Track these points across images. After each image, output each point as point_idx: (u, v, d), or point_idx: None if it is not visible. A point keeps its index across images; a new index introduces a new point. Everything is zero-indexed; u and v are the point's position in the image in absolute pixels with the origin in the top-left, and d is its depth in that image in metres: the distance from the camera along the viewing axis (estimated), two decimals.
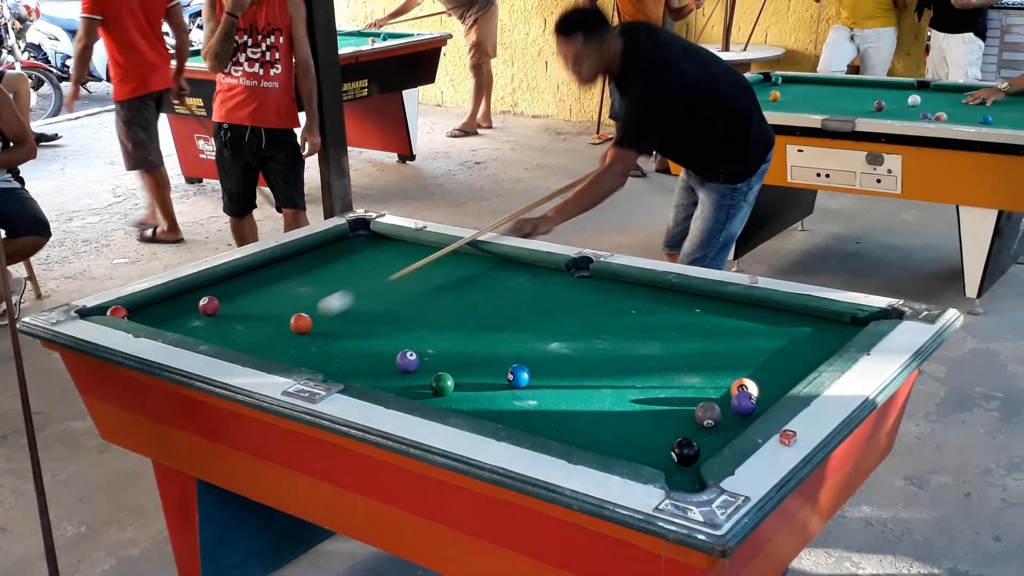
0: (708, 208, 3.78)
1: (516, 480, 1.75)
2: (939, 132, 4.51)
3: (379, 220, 3.37)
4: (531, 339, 2.49)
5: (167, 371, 2.27)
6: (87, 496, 3.45)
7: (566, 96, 9.42)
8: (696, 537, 1.57)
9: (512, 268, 3.01)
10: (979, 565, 2.96)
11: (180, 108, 6.41)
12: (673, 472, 1.80)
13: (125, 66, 5.77)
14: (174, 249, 6.06)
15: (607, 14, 7.39)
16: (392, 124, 7.85)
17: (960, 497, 3.30)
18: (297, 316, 2.58)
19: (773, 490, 1.69)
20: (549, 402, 2.15)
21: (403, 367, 2.30)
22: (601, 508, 1.66)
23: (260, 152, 4.66)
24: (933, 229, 5.88)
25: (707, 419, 2.00)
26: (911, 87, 5.51)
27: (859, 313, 2.48)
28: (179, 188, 7.38)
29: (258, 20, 4.53)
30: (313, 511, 2.35)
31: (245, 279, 2.99)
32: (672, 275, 2.82)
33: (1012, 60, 7.13)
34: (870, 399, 2.02)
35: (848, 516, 3.19)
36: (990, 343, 4.42)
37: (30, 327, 2.58)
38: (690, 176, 3.95)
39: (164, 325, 2.58)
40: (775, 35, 8.27)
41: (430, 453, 1.86)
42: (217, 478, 2.53)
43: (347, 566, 3.02)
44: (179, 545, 2.79)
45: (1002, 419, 3.79)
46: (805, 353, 2.33)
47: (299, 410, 2.05)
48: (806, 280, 3.10)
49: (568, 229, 3.46)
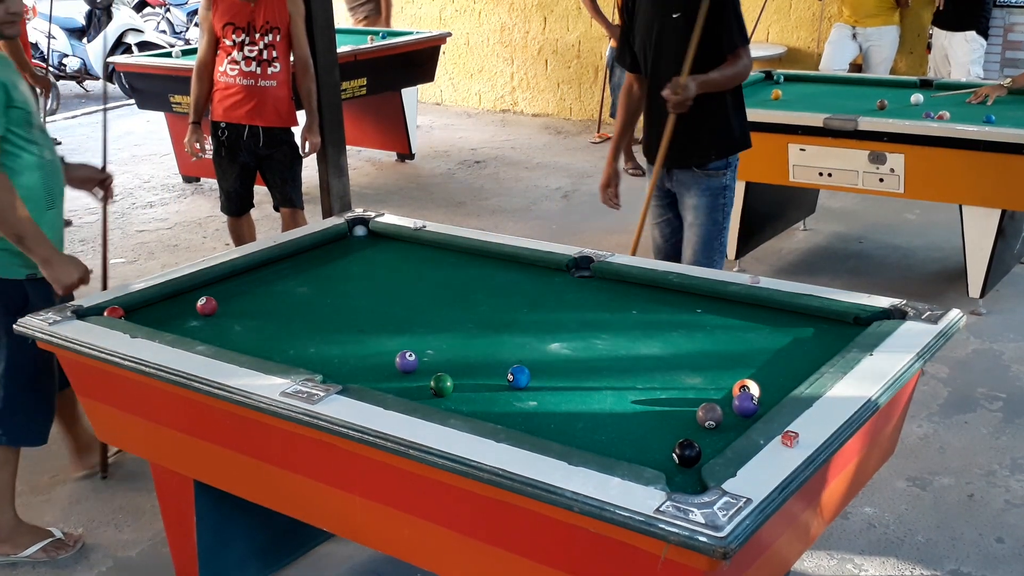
0: (703, 214, 3.64)
1: (516, 482, 1.74)
2: (942, 131, 4.49)
3: (378, 220, 3.36)
4: (531, 339, 2.48)
5: (164, 372, 2.26)
6: (84, 497, 3.44)
7: (566, 95, 9.41)
8: (697, 539, 1.56)
9: (512, 268, 2.99)
10: (982, 567, 2.95)
11: (179, 108, 6.40)
12: (674, 473, 1.78)
13: None
14: (171, 249, 6.04)
15: (607, 14, 7.41)
16: (391, 123, 7.84)
17: (963, 498, 3.29)
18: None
19: (775, 492, 1.68)
20: (549, 403, 2.14)
21: (402, 368, 2.28)
22: (601, 510, 1.64)
23: (258, 151, 4.65)
24: (936, 229, 5.87)
25: (709, 420, 1.99)
26: (913, 86, 5.49)
27: (862, 313, 2.47)
28: (177, 187, 7.38)
29: (256, 18, 4.52)
30: (311, 512, 2.34)
31: (243, 279, 2.97)
32: (673, 275, 2.81)
33: (1015, 59, 7.11)
34: (873, 400, 2.00)
35: (850, 517, 3.17)
36: (993, 343, 4.40)
37: (27, 327, 2.56)
38: (670, 178, 3.71)
39: (161, 325, 2.57)
40: (777, 33, 8.26)
41: (429, 454, 1.84)
42: (215, 479, 2.52)
43: (345, 568, 3.01)
44: (177, 546, 2.78)
45: (1005, 420, 3.77)
46: (807, 353, 2.32)
47: (297, 411, 2.03)
48: (808, 280, 3.09)
49: (568, 229, 3.44)
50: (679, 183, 3.70)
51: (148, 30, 11.10)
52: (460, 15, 9.78)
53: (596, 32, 8.71)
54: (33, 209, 2.85)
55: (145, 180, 7.50)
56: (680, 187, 3.70)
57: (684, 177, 3.66)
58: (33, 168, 2.87)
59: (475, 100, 9.98)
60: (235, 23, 4.53)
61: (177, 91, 6.46)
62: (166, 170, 7.78)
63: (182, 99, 6.41)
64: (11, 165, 2.82)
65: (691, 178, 3.64)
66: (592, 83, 9.18)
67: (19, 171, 2.84)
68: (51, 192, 2.96)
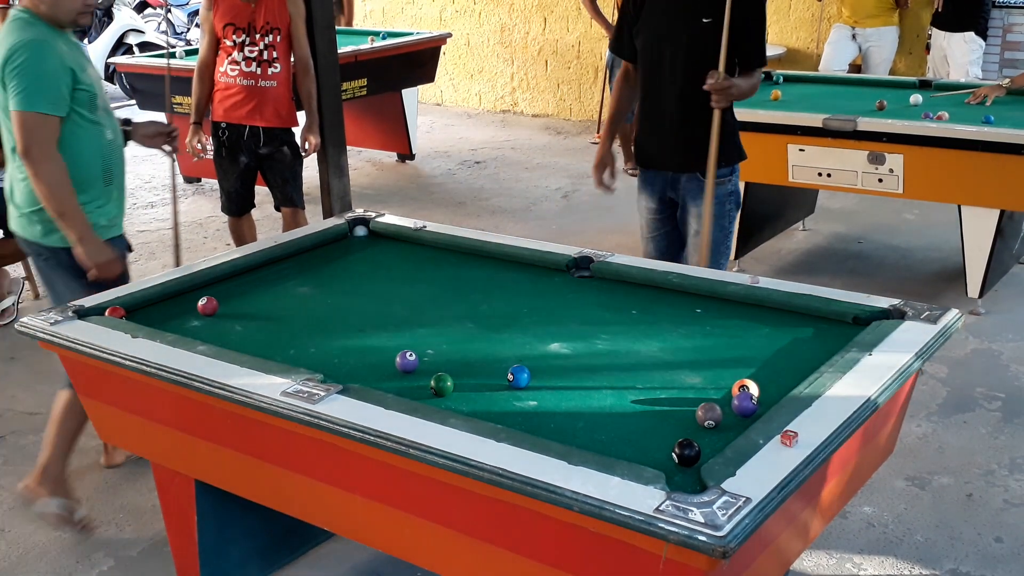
0: (710, 222, 3.47)
1: (516, 481, 1.74)
2: (941, 131, 4.50)
3: (378, 220, 3.36)
4: (531, 339, 2.49)
5: (166, 371, 2.27)
6: (86, 496, 3.44)
7: (566, 95, 9.41)
8: (697, 538, 1.56)
9: (512, 268, 3.00)
10: (981, 566, 2.95)
11: (180, 108, 6.40)
12: (674, 473, 1.79)
13: None
14: (171, 249, 6.04)
15: (607, 14, 7.42)
16: (391, 123, 7.84)
17: (962, 498, 3.29)
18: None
19: (774, 491, 1.68)
20: (549, 403, 2.14)
21: (403, 367, 2.29)
22: (601, 509, 1.65)
23: (258, 151, 4.65)
24: (935, 229, 5.88)
25: (708, 420, 1.99)
26: (913, 86, 5.50)
27: (861, 313, 2.47)
28: (178, 187, 7.36)
29: (256, 19, 4.52)
30: (312, 512, 2.34)
31: (244, 279, 2.98)
32: (673, 275, 2.81)
33: (1014, 59, 7.12)
34: (872, 400, 2.01)
35: (849, 517, 3.18)
36: (992, 343, 4.41)
37: (28, 327, 2.56)
38: (674, 186, 3.58)
39: (162, 325, 2.57)
40: (776, 34, 8.26)
41: (430, 454, 1.85)
42: (216, 479, 2.53)
43: (346, 567, 3.01)
44: (178, 546, 2.78)
45: (1004, 419, 3.77)
46: (806, 353, 2.32)
47: (298, 410, 2.04)
48: (807, 280, 3.09)
49: (568, 229, 3.45)
50: (686, 190, 3.57)
51: (149, 31, 11.10)
52: (460, 16, 9.79)
53: (596, 33, 8.71)
54: (91, 184, 3.08)
55: (146, 180, 7.50)
56: (687, 194, 3.57)
57: (691, 184, 3.54)
58: (94, 146, 3.08)
59: (475, 100, 9.99)
60: (236, 24, 4.53)
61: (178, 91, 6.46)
62: (167, 170, 7.78)
63: (183, 99, 6.41)
64: (72, 142, 3.02)
65: (698, 185, 3.51)
66: (592, 84, 9.19)
67: (80, 149, 3.04)
68: (109, 169, 3.15)
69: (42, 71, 2.92)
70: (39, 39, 2.94)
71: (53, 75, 2.93)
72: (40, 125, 2.92)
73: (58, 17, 3.01)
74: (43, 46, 2.93)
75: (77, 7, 3.03)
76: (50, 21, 3.00)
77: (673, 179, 3.58)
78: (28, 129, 2.91)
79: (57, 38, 3.00)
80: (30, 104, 2.90)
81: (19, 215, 3.13)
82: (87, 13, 3.08)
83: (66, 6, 3.00)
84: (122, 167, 3.23)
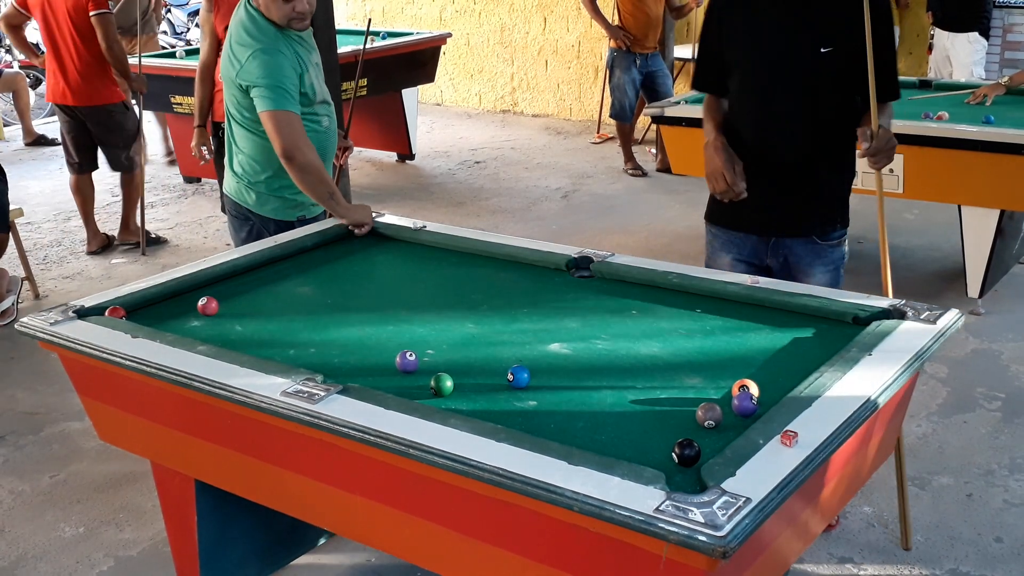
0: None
1: (516, 481, 1.74)
2: (941, 131, 4.50)
3: (378, 220, 3.36)
4: (531, 339, 2.49)
5: (165, 371, 2.26)
6: (85, 497, 3.45)
7: (566, 95, 9.42)
8: (697, 538, 1.56)
9: (512, 268, 3.00)
10: (980, 566, 2.95)
11: (180, 109, 6.40)
12: (674, 473, 1.79)
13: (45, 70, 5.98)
14: (172, 249, 6.05)
15: (607, 14, 7.42)
16: (391, 123, 7.84)
17: (962, 498, 3.29)
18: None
19: (774, 491, 1.68)
20: (549, 403, 2.14)
21: (403, 367, 2.29)
22: (601, 509, 1.65)
23: None
24: (935, 229, 5.88)
25: (708, 420, 1.99)
26: (913, 86, 5.50)
27: (860, 313, 2.47)
28: (177, 188, 7.38)
29: None
30: (312, 512, 2.34)
31: (244, 279, 2.98)
32: (673, 275, 2.81)
33: (1014, 59, 7.12)
34: (872, 400, 2.01)
35: (849, 517, 3.18)
36: (992, 343, 4.41)
37: (28, 327, 2.56)
38: (776, 252, 3.03)
39: (163, 325, 2.57)
40: None
41: (430, 454, 1.85)
42: (216, 479, 2.53)
43: (346, 567, 3.02)
44: (177, 546, 2.78)
45: (1004, 420, 3.78)
46: (806, 353, 2.32)
47: (298, 410, 2.04)
48: None
49: (568, 229, 3.45)
50: (798, 258, 3.02)
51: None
52: (460, 16, 9.79)
53: (596, 33, 8.71)
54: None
55: (146, 180, 7.49)
56: (799, 262, 3.02)
57: (804, 251, 3.02)
58: (312, 136, 3.35)
59: (475, 100, 10.00)
60: None
61: (178, 92, 6.47)
62: (167, 170, 7.80)
63: (183, 100, 6.42)
64: None
65: (810, 251, 3.01)
66: (592, 84, 9.19)
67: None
68: (325, 153, 3.47)
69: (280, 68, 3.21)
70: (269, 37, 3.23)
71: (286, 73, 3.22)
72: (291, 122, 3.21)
73: (273, 20, 3.26)
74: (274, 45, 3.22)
75: (287, 14, 3.25)
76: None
77: (776, 244, 3.03)
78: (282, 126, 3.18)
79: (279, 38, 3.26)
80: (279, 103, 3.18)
81: (236, 181, 3.45)
82: (300, 19, 3.30)
83: (275, 13, 3.24)
84: (334, 149, 3.57)
